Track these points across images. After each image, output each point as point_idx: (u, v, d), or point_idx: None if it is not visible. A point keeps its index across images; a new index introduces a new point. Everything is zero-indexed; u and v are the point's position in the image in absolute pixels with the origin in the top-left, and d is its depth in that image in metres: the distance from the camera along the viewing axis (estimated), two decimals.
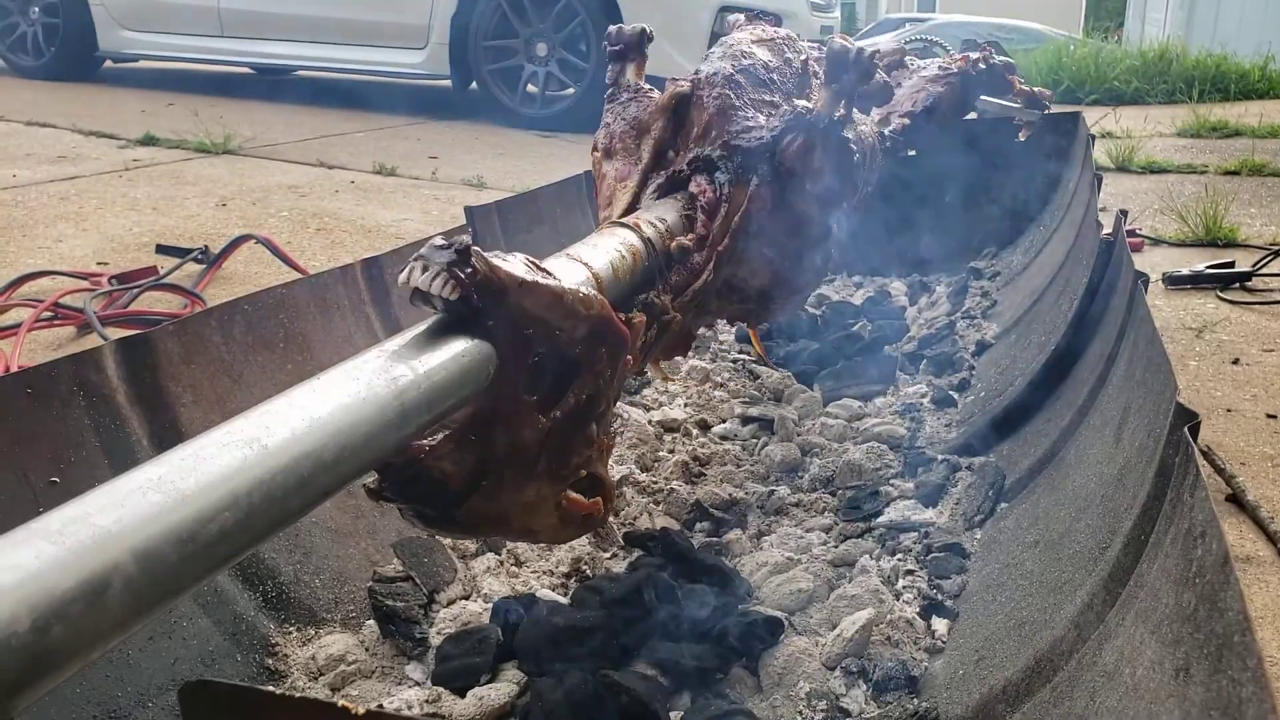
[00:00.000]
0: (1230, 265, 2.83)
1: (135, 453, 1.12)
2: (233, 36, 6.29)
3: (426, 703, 1.10)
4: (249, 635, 1.15)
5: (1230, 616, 0.59)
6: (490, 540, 1.42)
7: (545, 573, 1.38)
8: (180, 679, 1.03)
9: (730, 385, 2.09)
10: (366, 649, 1.20)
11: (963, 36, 4.56)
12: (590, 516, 0.85)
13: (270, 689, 0.46)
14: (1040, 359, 1.67)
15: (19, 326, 2.02)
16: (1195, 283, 2.79)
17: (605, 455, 0.91)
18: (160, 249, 2.74)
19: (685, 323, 1.23)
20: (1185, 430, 0.79)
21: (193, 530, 0.47)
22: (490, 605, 1.25)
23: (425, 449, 0.70)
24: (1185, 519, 0.74)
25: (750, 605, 1.29)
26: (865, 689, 1.12)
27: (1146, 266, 2.37)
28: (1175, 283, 2.79)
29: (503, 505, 0.77)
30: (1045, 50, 9.14)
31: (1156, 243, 3.32)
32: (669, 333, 1.16)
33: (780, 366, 2.15)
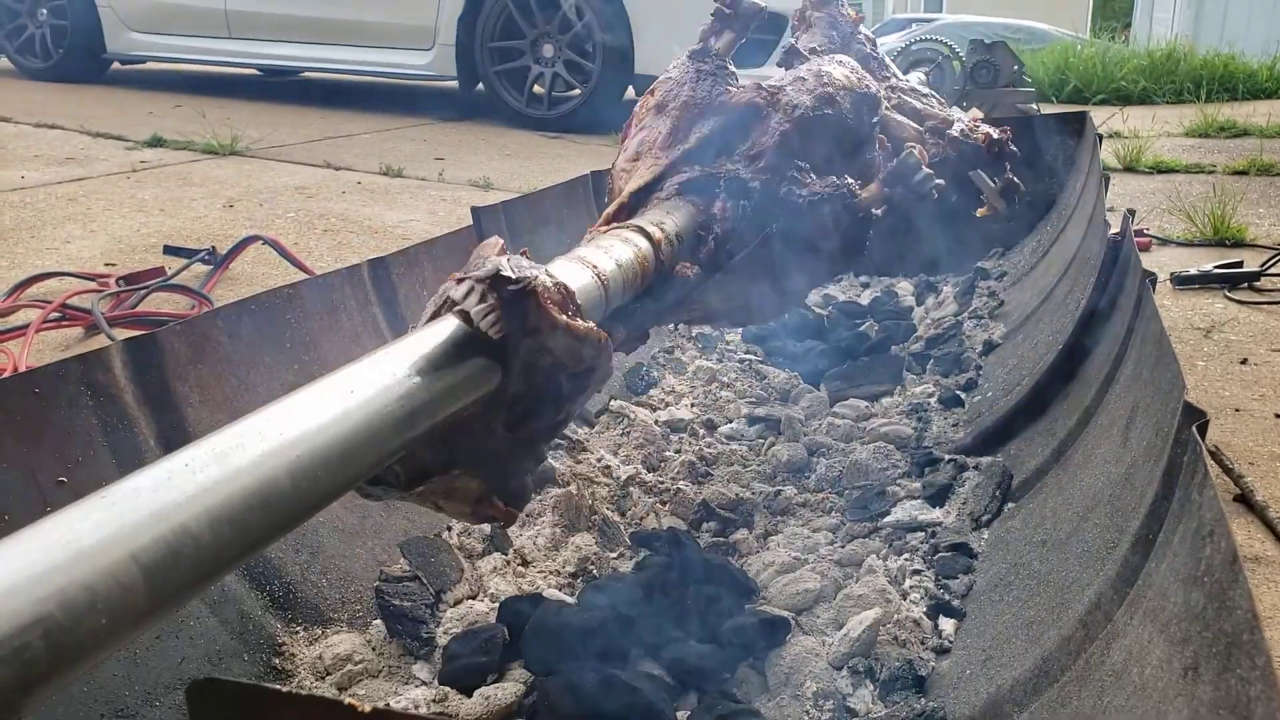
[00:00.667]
0: (1238, 265, 2.82)
1: (142, 452, 1.13)
2: (240, 38, 6.30)
3: (433, 702, 1.10)
4: (256, 635, 1.15)
5: (1239, 615, 0.59)
6: (499, 540, 1.42)
7: (552, 572, 1.38)
8: (187, 678, 1.03)
9: (737, 385, 2.09)
10: (373, 649, 1.20)
11: (969, 36, 4.55)
12: (497, 518, 0.87)
13: (277, 687, 0.47)
14: (1048, 359, 1.66)
15: (27, 327, 2.03)
16: (1203, 283, 2.78)
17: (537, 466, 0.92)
18: (168, 250, 2.74)
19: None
20: (1193, 429, 0.78)
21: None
22: (497, 605, 1.25)
23: None
24: (1194, 518, 0.74)
25: (757, 605, 1.29)
26: (872, 689, 1.12)
27: (1154, 266, 2.37)
28: (1183, 283, 2.78)
29: (436, 488, 0.78)
30: (1052, 50, 9.12)
31: (1164, 243, 3.31)
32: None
33: (784, 366, 2.15)
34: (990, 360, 2.03)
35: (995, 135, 1.83)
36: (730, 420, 1.93)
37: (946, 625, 1.21)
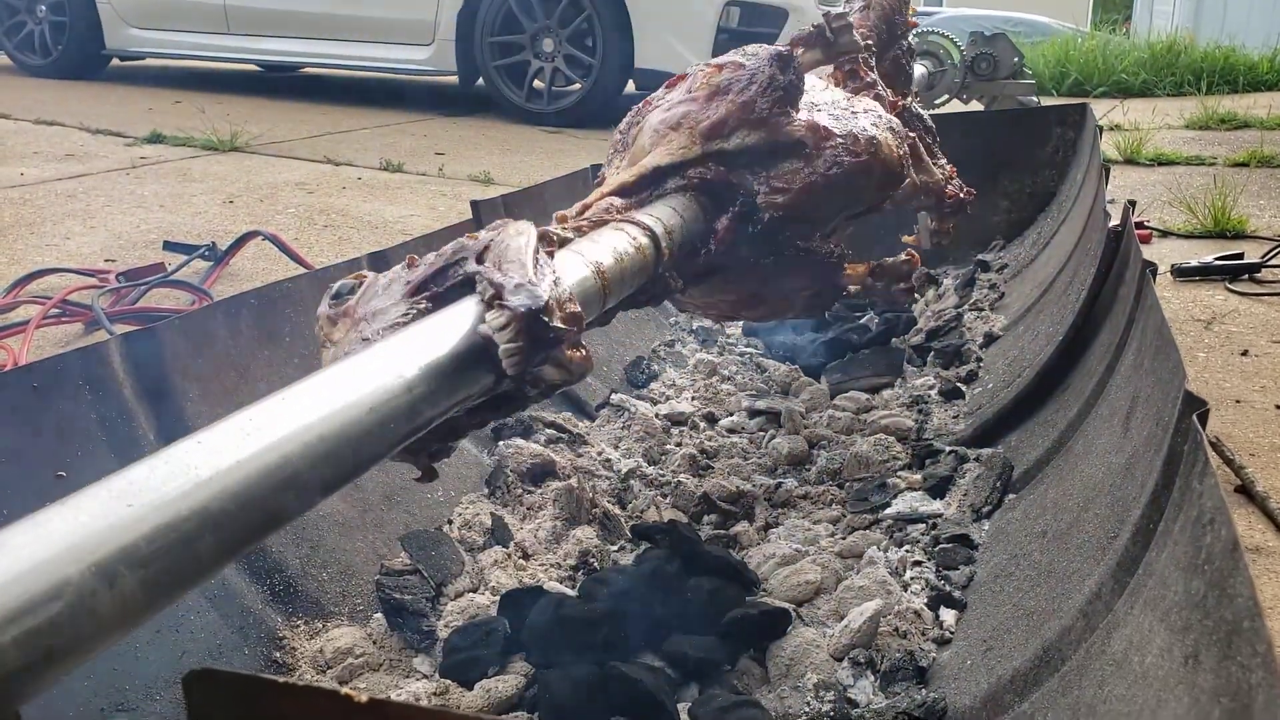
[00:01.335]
0: (1239, 257, 2.81)
1: (142, 446, 1.13)
2: (239, 34, 6.29)
3: (434, 695, 1.10)
4: (256, 629, 1.15)
5: (1240, 603, 0.59)
6: (500, 533, 1.43)
7: (553, 565, 1.38)
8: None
9: (737, 378, 2.09)
10: (374, 642, 1.20)
11: (970, 29, 4.54)
12: (419, 470, 0.93)
13: (273, 677, 0.46)
14: (1048, 350, 1.66)
15: (27, 324, 2.03)
16: (1204, 274, 2.78)
17: None
18: (168, 246, 2.74)
19: None
20: (1194, 418, 0.78)
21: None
22: (498, 598, 1.25)
23: None
24: (1194, 506, 0.73)
25: (758, 597, 1.29)
26: (873, 680, 1.12)
27: (1155, 258, 2.36)
28: (1184, 274, 2.78)
29: None
30: (1053, 43, 9.09)
31: (1165, 234, 3.31)
32: None
33: (785, 359, 2.15)
34: (991, 352, 2.03)
35: (962, 196, 1.87)
36: (731, 413, 1.93)
37: (947, 616, 1.21)
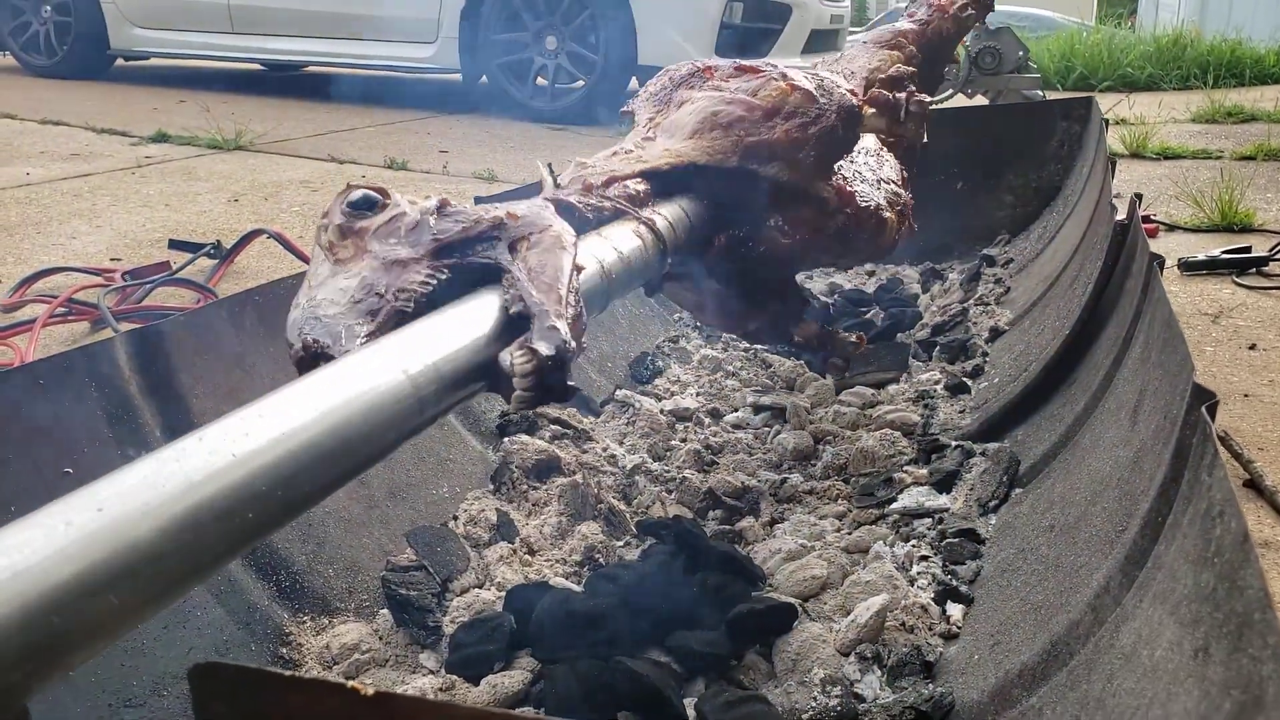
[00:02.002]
0: (1246, 250, 2.80)
1: (148, 444, 1.13)
2: (243, 33, 6.30)
3: (440, 690, 1.10)
4: (263, 625, 1.15)
5: (1250, 595, 0.59)
6: (506, 529, 1.43)
7: (558, 561, 1.38)
8: None
9: (742, 374, 2.09)
10: (380, 638, 1.20)
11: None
12: None
13: (279, 670, 0.46)
14: (1054, 344, 1.65)
15: (34, 322, 2.04)
16: (1211, 268, 2.76)
17: None
18: (173, 244, 2.75)
19: None
20: (1203, 410, 0.78)
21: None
22: (504, 594, 1.25)
23: None
24: (1203, 499, 0.73)
25: (764, 592, 1.28)
26: (880, 675, 1.12)
27: (1161, 252, 2.34)
28: (1191, 268, 2.77)
29: None
30: (1058, 37, 9.06)
31: (1171, 228, 3.29)
32: None
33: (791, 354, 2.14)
34: (997, 347, 2.02)
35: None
36: (736, 409, 1.92)
37: (954, 611, 1.20)
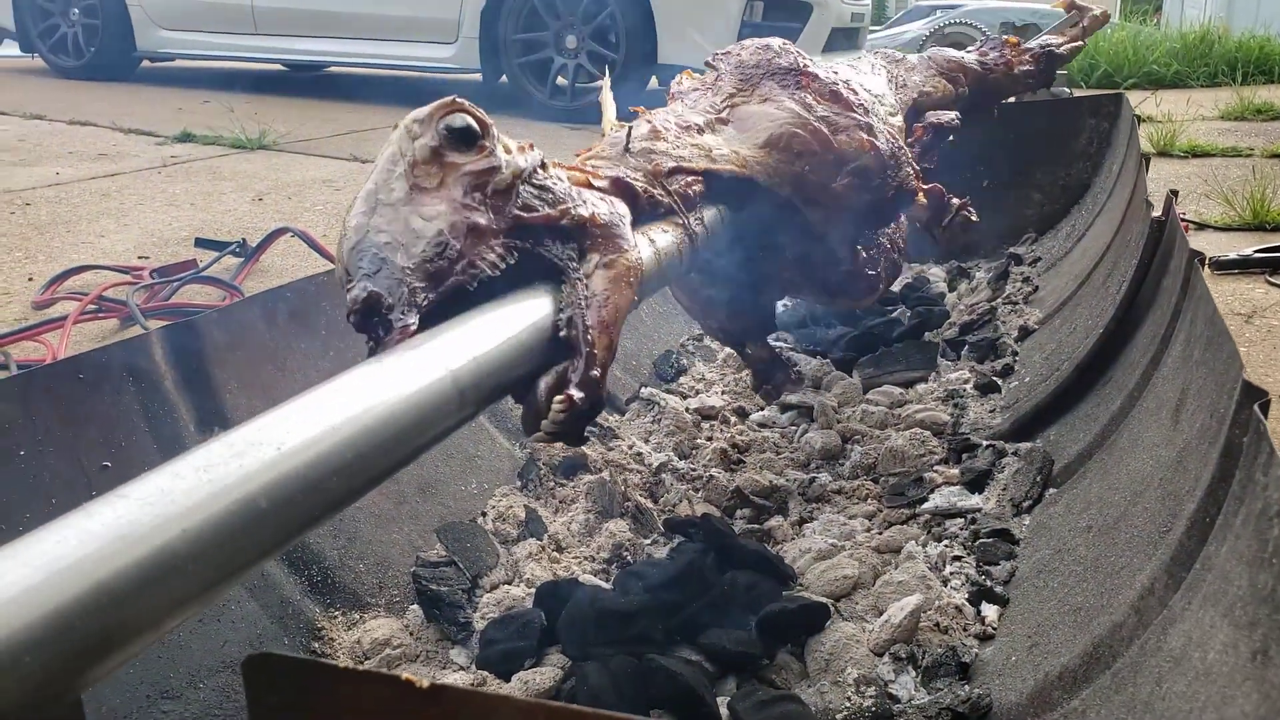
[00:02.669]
0: (1279, 249, 2.76)
1: (183, 438, 1.13)
2: (266, 34, 6.34)
3: (472, 687, 1.10)
4: (295, 619, 1.15)
5: None
6: (535, 526, 1.42)
7: (586, 558, 1.37)
8: (230, 661, 1.03)
9: None
10: (411, 633, 1.20)
11: (998, 21, 4.49)
12: None
13: (333, 662, 0.46)
14: (1088, 343, 1.63)
15: (65, 319, 2.05)
16: (1243, 267, 2.72)
17: None
18: (199, 243, 2.77)
19: None
20: (1255, 408, 0.76)
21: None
22: (533, 590, 1.25)
23: None
24: (1258, 499, 0.71)
25: (795, 591, 1.27)
26: (914, 675, 1.10)
27: None
28: (1222, 267, 2.73)
29: None
30: None
31: (1201, 227, 3.25)
32: None
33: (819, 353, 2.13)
34: (1026, 346, 2.00)
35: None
36: (761, 408, 1.91)
37: (989, 611, 1.19)
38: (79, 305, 2.13)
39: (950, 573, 1.29)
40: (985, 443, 1.60)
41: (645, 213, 1.04)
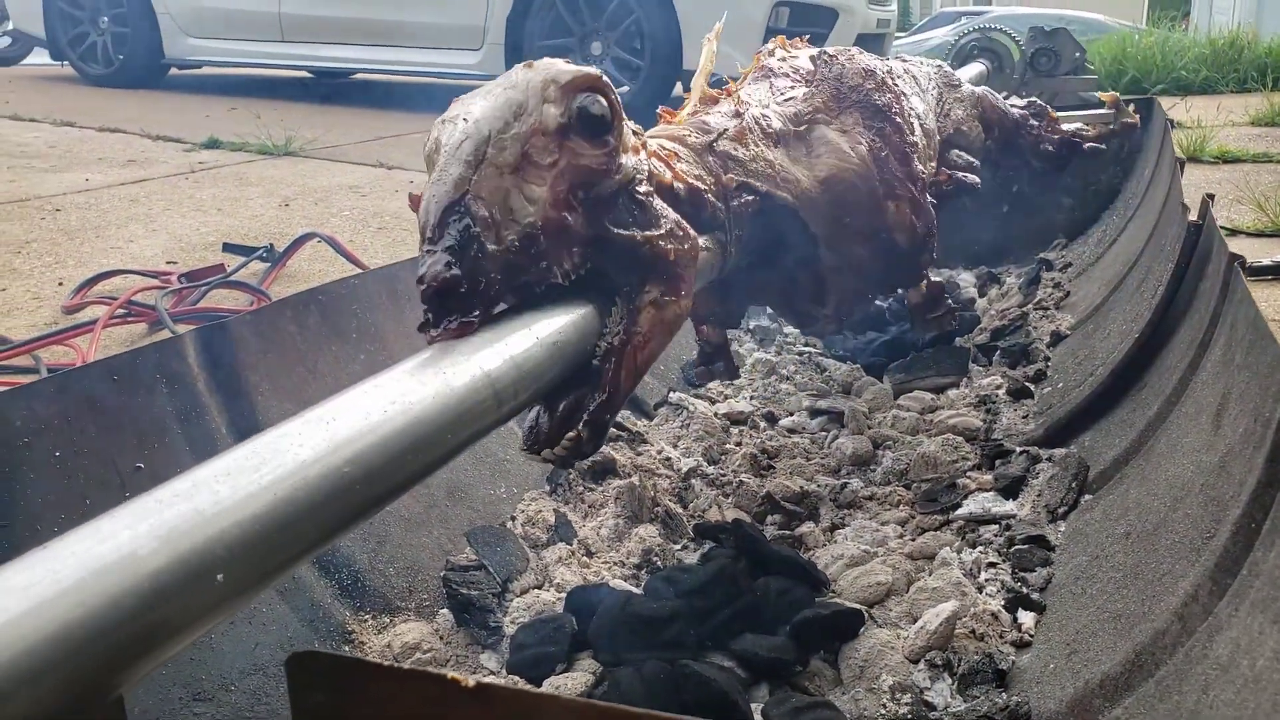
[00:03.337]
0: None
1: (215, 440, 1.13)
2: (293, 41, 6.40)
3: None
4: (325, 623, 1.15)
5: None
6: (564, 530, 1.42)
7: (616, 563, 1.36)
8: (261, 664, 1.03)
9: (796, 378, 2.06)
10: (441, 637, 1.20)
11: (1026, 26, 4.45)
12: None
13: (378, 661, 0.46)
14: (1123, 348, 1.61)
15: (95, 323, 2.07)
16: (1276, 274, 2.68)
17: None
18: (227, 248, 2.79)
19: None
20: None
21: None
22: (563, 595, 1.24)
23: None
24: None
25: (828, 597, 1.26)
26: (950, 683, 1.09)
27: None
28: (1255, 274, 2.68)
29: None
30: (1109, 39, 8.89)
31: (1233, 233, 3.20)
32: None
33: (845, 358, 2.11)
34: (1059, 351, 1.97)
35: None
36: (791, 413, 1.90)
37: (1026, 618, 1.17)
38: (108, 310, 2.15)
39: (985, 579, 1.27)
40: (1019, 449, 1.58)
41: (703, 225, 1.03)
